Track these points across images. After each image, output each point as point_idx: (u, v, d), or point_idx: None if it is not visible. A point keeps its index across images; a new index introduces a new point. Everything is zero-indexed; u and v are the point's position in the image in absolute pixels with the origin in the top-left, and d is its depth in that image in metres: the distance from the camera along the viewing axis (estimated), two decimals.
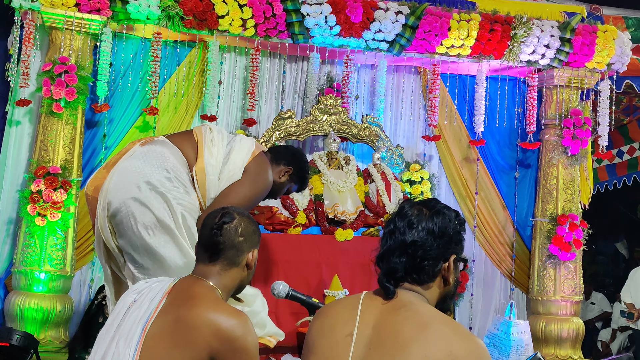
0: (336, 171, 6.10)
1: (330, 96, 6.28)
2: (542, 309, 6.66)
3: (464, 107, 6.93)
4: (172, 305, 2.20)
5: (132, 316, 2.24)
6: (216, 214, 2.31)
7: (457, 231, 2.00)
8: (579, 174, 6.81)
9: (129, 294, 2.33)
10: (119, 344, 2.17)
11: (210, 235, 2.25)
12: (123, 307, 2.29)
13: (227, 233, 2.25)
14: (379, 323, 1.86)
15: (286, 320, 5.35)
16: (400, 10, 6.11)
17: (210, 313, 2.14)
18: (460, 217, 2.04)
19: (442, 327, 1.80)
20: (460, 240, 2.02)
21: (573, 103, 6.75)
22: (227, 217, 2.26)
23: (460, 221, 2.02)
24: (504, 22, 6.33)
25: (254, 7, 5.83)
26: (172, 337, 2.13)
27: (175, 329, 2.14)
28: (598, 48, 6.52)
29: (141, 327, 2.17)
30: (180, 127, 6.26)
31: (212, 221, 2.29)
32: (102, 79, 5.78)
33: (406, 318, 1.83)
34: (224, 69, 6.41)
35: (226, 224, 2.25)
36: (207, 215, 2.36)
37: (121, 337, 2.19)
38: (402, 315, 1.85)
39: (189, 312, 2.15)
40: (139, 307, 2.26)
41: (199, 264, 2.31)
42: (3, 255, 5.81)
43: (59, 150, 5.64)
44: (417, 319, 1.83)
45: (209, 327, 2.11)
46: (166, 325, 2.16)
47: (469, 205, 6.90)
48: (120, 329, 2.23)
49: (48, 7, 5.57)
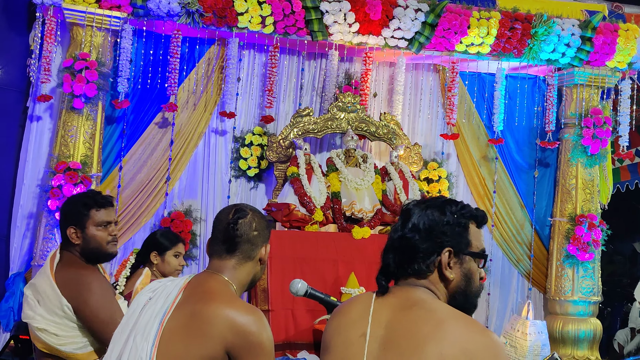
0: (354, 169, 6.10)
1: (348, 94, 6.28)
2: (559, 309, 6.62)
3: (483, 105, 6.89)
4: (189, 300, 2.23)
5: (147, 312, 2.27)
6: (229, 210, 2.35)
7: (454, 223, 1.89)
8: (598, 174, 6.75)
9: (143, 293, 2.36)
10: (136, 339, 2.20)
11: (227, 230, 2.29)
12: (138, 306, 2.32)
13: (242, 227, 2.29)
14: (392, 322, 1.86)
15: (302, 317, 5.38)
16: (419, 7, 6.09)
17: (226, 308, 2.17)
18: (466, 209, 1.92)
19: (457, 324, 1.78)
20: (459, 233, 1.89)
21: (593, 102, 6.69)
22: (241, 213, 2.31)
23: (462, 213, 1.91)
24: (524, 20, 6.28)
25: (273, 5, 5.84)
26: (188, 331, 2.15)
27: (191, 323, 2.16)
28: (619, 47, 6.45)
29: (158, 321, 2.20)
30: (199, 123, 6.30)
31: (226, 217, 2.33)
32: (122, 75, 5.83)
33: (420, 317, 1.82)
34: (243, 66, 6.43)
35: (241, 219, 2.30)
36: (220, 212, 2.41)
37: (138, 333, 2.22)
38: (415, 313, 1.84)
39: (205, 306, 2.18)
40: (154, 303, 2.28)
41: (214, 259, 2.34)
42: (24, 249, 5.88)
43: (79, 145, 5.68)
44: (431, 317, 1.81)
45: (225, 322, 2.14)
46: (183, 319, 2.19)
47: (487, 204, 6.87)
48: (137, 326, 2.26)
49: (69, 4, 5.61)
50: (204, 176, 6.38)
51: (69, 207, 3.11)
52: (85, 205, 3.06)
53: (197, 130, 6.32)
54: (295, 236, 5.77)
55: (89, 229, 3.03)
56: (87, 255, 3.04)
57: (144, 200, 6.14)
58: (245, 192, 6.47)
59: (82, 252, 3.04)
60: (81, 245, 3.03)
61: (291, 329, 5.37)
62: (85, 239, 3.03)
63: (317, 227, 5.82)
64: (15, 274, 5.83)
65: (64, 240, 3.07)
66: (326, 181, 5.97)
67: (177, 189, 6.31)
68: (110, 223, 3.10)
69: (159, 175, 6.20)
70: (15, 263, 5.87)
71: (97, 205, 3.07)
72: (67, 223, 3.05)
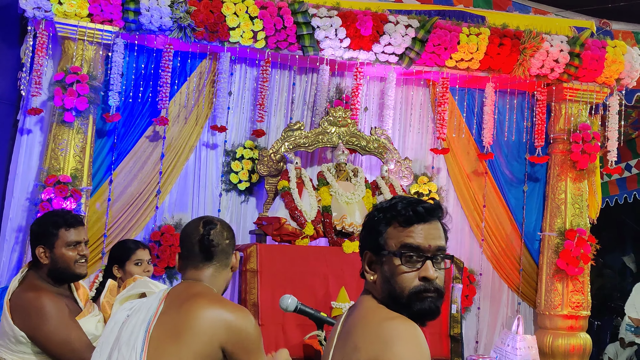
0: (344, 183, 6.12)
1: (339, 108, 6.31)
2: (549, 324, 6.64)
3: (473, 120, 6.94)
4: (172, 306, 2.27)
5: (129, 325, 2.29)
6: (197, 223, 2.43)
7: (370, 227, 1.92)
8: (587, 189, 6.80)
9: (120, 311, 2.40)
10: (122, 350, 2.22)
11: (202, 241, 2.37)
12: (116, 324, 2.34)
13: (215, 237, 2.38)
14: (342, 326, 1.99)
15: (293, 332, 5.36)
16: (410, 23, 6.14)
17: (216, 307, 2.24)
18: (388, 212, 1.88)
19: (361, 330, 1.84)
20: (374, 235, 1.90)
21: (582, 117, 6.75)
22: (211, 224, 2.40)
23: (382, 216, 1.89)
24: (513, 37, 6.35)
25: (265, 20, 5.87)
26: (178, 331, 2.19)
27: (180, 323, 2.20)
28: (607, 63, 6.52)
29: (144, 329, 2.23)
30: (190, 137, 6.30)
31: (196, 229, 2.40)
32: (113, 88, 5.83)
33: (352, 318, 1.94)
34: (234, 80, 6.45)
35: (212, 230, 2.39)
36: (187, 226, 2.48)
37: (122, 345, 2.23)
38: (352, 317, 1.95)
39: (194, 305, 2.23)
40: (135, 316, 2.31)
41: (190, 269, 2.39)
42: (12, 263, 5.84)
43: (70, 159, 5.68)
44: (354, 318, 1.92)
45: (217, 320, 2.21)
46: (170, 322, 2.22)
47: (477, 218, 6.90)
48: (120, 340, 2.27)
49: (61, 18, 5.62)
50: (195, 190, 6.38)
51: (38, 226, 3.06)
52: (55, 224, 3.01)
53: (188, 143, 6.32)
54: (286, 250, 5.76)
55: (57, 248, 2.98)
56: (54, 276, 3.00)
57: (134, 213, 6.13)
58: (235, 206, 6.47)
59: (49, 272, 2.99)
60: (49, 265, 2.98)
61: (281, 344, 5.35)
62: (53, 259, 2.98)
63: (307, 241, 5.82)
64: (3, 288, 5.76)
65: (33, 260, 3.03)
66: (317, 195, 5.98)
67: (167, 202, 6.30)
68: (80, 243, 3.05)
69: (150, 189, 6.20)
70: (3, 277, 5.82)
71: (67, 224, 3.01)
72: (36, 242, 3.01)
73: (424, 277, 1.82)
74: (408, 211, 1.85)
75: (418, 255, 1.83)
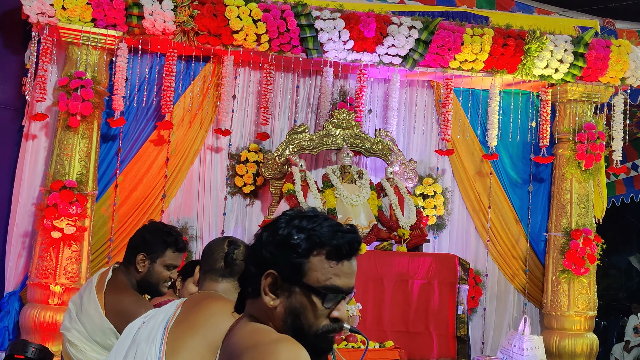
0: (349, 185, 6.12)
1: (343, 110, 6.31)
2: (555, 324, 6.62)
3: (477, 121, 6.93)
4: (189, 307, 2.39)
5: (147, 327, 2.37)
6: (222, 242, 2.55)
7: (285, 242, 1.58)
8: (592, 189, 6.78)
9: (136, 320, 2.47)
10: (140, 346, 2.32)
11: (224, 258, 2.51)
12: (132, 329, 2.43)
13: (238, 255, 2.50)
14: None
15: None
16: (413, 25, 6.13)
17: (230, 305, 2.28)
18: (305, 225, 1.58)
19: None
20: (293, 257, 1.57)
21: (587, 117, 6.73)
22: (234, 245, 2.53)
23: (302, 232, 1.57)
24: (517, 37, 6.33)
25: (268, 23, 5.87)
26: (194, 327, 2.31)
27: (196, 319, 2.32)
28: (612, 62, 6.50)
29: (163, 327, 2.34)
30: (194, 141, 6.31)
31: (221, 247, 2.53)
32: (117, 93, 5.84)
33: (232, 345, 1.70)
34: (238, 84, 6.45)
35: (236, 250, 2.52)
36: (213, 243, 2.59)
37: (141, 342, 2.33)
38: (231, 344, 1.72)
39: (209, 305, 2.36)
40: (152, 321, 2.40)
41: (208, 282, 2.52)
42: (19, 268, 5.86)
43: (75, 164, 5.68)
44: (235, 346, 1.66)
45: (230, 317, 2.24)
46: (187, 320, 2.34)
47: (482, 219, 6.89)
48: (137, 340, 2.35)
49: (65, 23, 5.64)
50: (200, 193, 6.38)
51: (150, 235, 2.99)
52: (166, 242, 2.98)
53: (193, 147, 6.33)
54: None
55: (158, 265, 2.96)
56: (142, 286, 2.99)
57: (140, 217, 6.13)
58: (241, 209, 6.47)
59: (139, 281, 2.97)
60: (142, 275, 2.95)
61: None
62: (149, 272, 2.96)
63: None
64: (10, 292, 5.80)
65: (125, 262, 2.98)
66: (322, 197, 5.98)
67: (173, 206, 6.31)
68: (176, 267, 3.06)
69: (155, 193, 6.21)
70: (10, 282, 5.85)
71: (177, 248, 2.99)
72: (140, 249, 2.96)
73: (335, 319, 1.61)
74: (340, 242, 1.57)
75: (340, 297, 1.60)
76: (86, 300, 2.93)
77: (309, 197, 5.93)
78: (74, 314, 2.93)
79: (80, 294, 2.98)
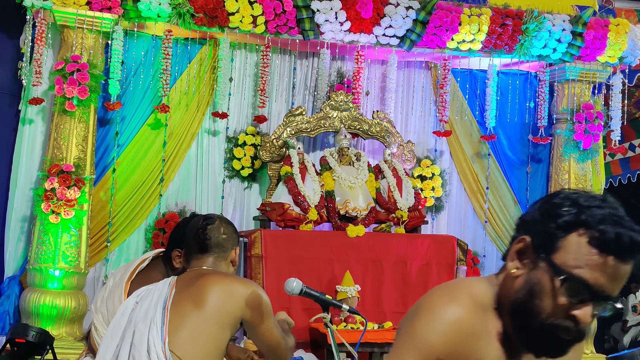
0: (347, 167, 6.11)
1: (340, 92, 6.29)
2: None
3: (475, 102, 6.91)
4: (185, 286, 2.40)
5: (142, 308, 2.37)
6: (199, 219, 2.58)
7: (552, 211, 1.39)
8: (590, 169, 6.78)
9: (129, 300, 2.48)
10: (139, 326, 2.32)
11: (197, 235, 2.51)
12: (127, 309, 2.42)
13: (211, 232, 2.50)
14: None
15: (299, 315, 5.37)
16: (410, 5, 6.10)
17: (232, 282, 2.42)
18: (582, 202, 1.39)
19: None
20: (553, 228, 1.37)
21: (585, 97, 6.72)
22: (209, 220, 2.55)
23: (574, 207, 1.37)
24: (515, 17, 6.30)
25: (264, 4, 5.84)
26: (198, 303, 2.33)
27: (198, 295, 2.34)
28: (610, 42, 6.48)
29: (161, 306, 2.35)
30: (192, 124, 6.30)
31: (196, 224, 2.55)
32: (114, 77, 5.81)
33: None
34: (235, 66, 6.42)
35: (209, 225, 2.52)
36: (192, 220, 2.64)
37: (138, 323, 2.33)
38: None
39: (208, 281, 2.38)
40: (145, 300, 2.39)
41: (192, 261, 2.54)
42: (18, 253, 5.87)
43: (72, 148, 5.67)
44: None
45: (234, 295, 2.37)
46: (187, 298, 2.35)
47: (480, 200, 6.89)
48: (132, 321, 2.35)
49: (60, 6, 5.60)
50: (198, 177, 6.38)
51: (184, 230, 2.73)
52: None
53: (190, 131, 6.32)
54: (290, 235, 5.77)
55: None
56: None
57: (138, 201, 6.13)
58: (239, 192, 6.47)
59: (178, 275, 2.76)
60: (179, 271, 2.73)
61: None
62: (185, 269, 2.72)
63: (311, 226, 5.83)
64: (10, 277, 5.82)
65: (165, 254, 2.90)
66: (320, 180, 5.98)
67: (171, 190, 6.31)
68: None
69: (153, 177, 6.20)
70: (10, 266, 5.86)
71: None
72: (176, 244, 2.84)
73: (572, 316, 1.35)
74: (610, 231, 1.33)
75: (586, 295, 1.34)
76: (118, 282, 2.87)
77: (307, 179, 5.93)
78: (107, 292, 2.86)
79: (120, 272, 2.92)
